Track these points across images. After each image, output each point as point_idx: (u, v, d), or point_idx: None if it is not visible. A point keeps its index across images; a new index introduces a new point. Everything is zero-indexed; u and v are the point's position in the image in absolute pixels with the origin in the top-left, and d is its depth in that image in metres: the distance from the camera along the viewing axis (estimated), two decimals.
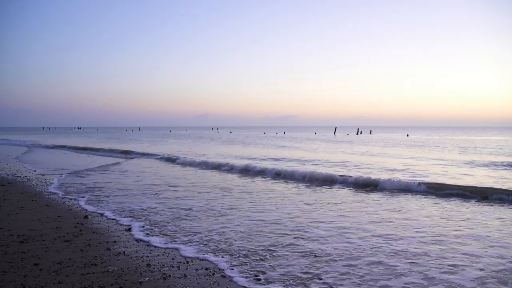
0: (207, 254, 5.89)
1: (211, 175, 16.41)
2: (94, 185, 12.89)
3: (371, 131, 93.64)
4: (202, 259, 5.68)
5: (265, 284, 4.79)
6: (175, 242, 6.50)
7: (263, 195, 11.33)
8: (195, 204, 9.74)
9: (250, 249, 6.13)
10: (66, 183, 13.37)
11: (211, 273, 5.14)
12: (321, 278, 4.98)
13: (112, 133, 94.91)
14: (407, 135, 73.06)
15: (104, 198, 10.55)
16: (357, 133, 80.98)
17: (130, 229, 7.33)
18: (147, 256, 5.79)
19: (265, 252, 6.00)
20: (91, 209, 9.10)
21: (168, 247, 6.24)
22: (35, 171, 17.27)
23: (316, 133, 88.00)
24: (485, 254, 5.95)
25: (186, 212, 8.82)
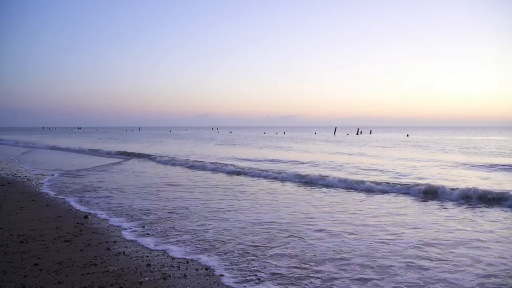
0: (206, 254, 5.89)
1: (210, 176, 16.43)
2: (90, 185, 12.89)
3: (371, 131, 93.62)
4: (201, 260, 5.68)
5: (259, 284, 4.80)
6: (171, 243, 6.50)
7: (260, 196, 11.34)
8: (192, 204, 9.78)
9: (244, 249, 6.14)
10: (61, 183, 13.37)
11: (211, 273, 5.14)
12: (320, 278, 4.98)
13: (112, 133, 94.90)
14: (407, 135, 73.05)
15: (103, 199, 10.56)
16: (357, 133, 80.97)
17: (130, 229, 7.34)
18: (147, 256, 5.79)
19: (260, 252, 6.00)
20: (84, 209, 9.10)
21: (168, 247, 6.23)
22: (34, 171, 17.27)
23: (316, 133, 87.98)
24: (486, 254, 5.96)
25: (183, 212, 8.83)
